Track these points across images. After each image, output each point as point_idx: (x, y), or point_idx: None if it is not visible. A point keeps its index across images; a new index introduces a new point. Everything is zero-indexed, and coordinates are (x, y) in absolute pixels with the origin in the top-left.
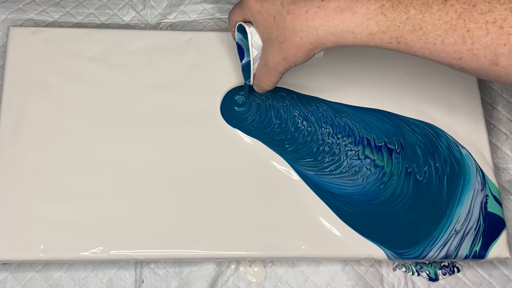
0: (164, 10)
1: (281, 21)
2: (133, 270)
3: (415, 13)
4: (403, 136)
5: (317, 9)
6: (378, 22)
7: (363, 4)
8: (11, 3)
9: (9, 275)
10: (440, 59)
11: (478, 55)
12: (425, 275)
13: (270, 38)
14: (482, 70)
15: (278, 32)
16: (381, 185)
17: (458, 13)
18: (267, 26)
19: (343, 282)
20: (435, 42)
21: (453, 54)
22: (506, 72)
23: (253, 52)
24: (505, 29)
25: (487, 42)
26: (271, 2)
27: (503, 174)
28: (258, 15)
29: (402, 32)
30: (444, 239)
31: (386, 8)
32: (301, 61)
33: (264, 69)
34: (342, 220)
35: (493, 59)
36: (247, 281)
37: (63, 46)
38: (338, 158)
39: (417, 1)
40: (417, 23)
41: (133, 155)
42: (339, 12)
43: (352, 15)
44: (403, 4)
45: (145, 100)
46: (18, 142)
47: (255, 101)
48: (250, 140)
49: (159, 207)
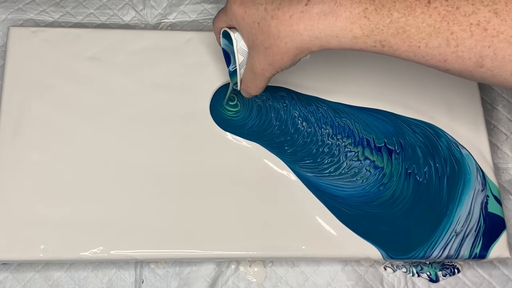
0: (164, 10)
1: (266, 27)
2: (133, 270)
3: (399, 16)
4: (403, 137)
5: (301, 14)
6: (361, 26)
7: (346, 8)
8: (11, 3)
9: (9, 275)
10: (425, 61)
11: (463, 57)
12: (426, 276)
13: (255, 44)
14: (467, 72)
15: (263, 38)
16: (380, 186)
17: (442, 16)
18: (252, 32)
19: (343, 282)
20: (419, 45)
21: (437, 57)
22: (491, 73)
23: (239, 58)
24: (489, 31)
25: (471, 44)
26: (255, 8)
27: (503, 174)
28: (242, 21)
29: (386, 35)
30: (444, 241)
31: (369, 11)
32: (288, 66)
33: (250, 74)
34: (341, 222)
35: (478, 61)
36: (247, 281)
37: (63, 46)
38: (338, 159)
39: (400, 4)
40: (400, 26)
41: (133, 155)
42: (323, 16)
43: (336, 19)
44: (386, 7)
45: (145, 100)
46: (18, 142)
47: (256, 102)
48: (249, 143)
49: (159, 207)
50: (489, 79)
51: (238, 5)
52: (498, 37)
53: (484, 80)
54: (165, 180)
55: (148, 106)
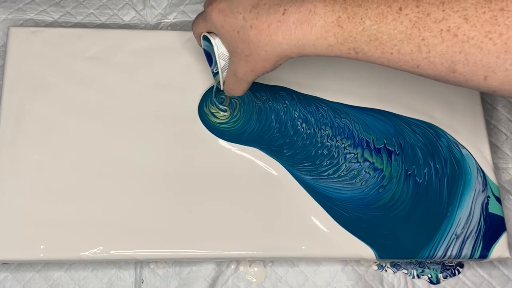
0: (164, 10)
1: (245, 36)
2: (133, 270)
3: (371, 23)
4: (403, 137)
5: (278, 23)
6: (335, 34)
7: (320, 17)
8: (11, 3)
9: (9, 275)
10: (398, 67)
11: (435, 63)
12: (427, 278)
13: (236, 51)
14: (441, 77)
15: (243, 46)
16: (380, 188)
17: (413, 22)
18: (232, 40)
19: (343, 282)
20: (391, 51)
21: (410, 63)
22: (464, 78)
23: (221, 63)
24: (460, 37)
25: (442, 50)
26: (234, 17)
27: (503, 174)
28: (222, 29)
29: (359, 43)
30: (445, 244)
31: (342, 20)
32: (270, 70)
33: (233, 79)
34: (340, 225)
35: (450, 66)
36: (247, 281)
37: (63, 46)
38: (337, 161)
39: (372, 12)
40: (373, 34)
41: (134, 154)
42: (299, 25)
43: (311, 28)
44: (359, 15)
45: (145, 100)
46: (18, 142)
47: (256, 104)
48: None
49: (159, 207)
50: (463, 84)
51: (217, 13)
52: (469, 43)
53: (458, 85)
54: (165, 180)
55: (149, 106)
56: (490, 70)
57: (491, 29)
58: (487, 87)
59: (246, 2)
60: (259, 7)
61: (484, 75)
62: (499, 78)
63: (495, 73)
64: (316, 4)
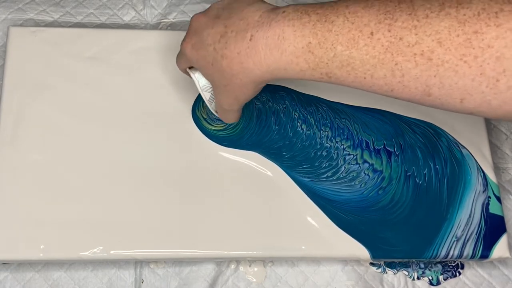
0: (164, 10)
1: (219, 67)
2: (133, 270)
3: (342, 49)
4: (403, 137)
5: (247, 50)
6: (306, 60)
7: (290, 42)
8: (11, 3)
9: (9, 275)
10: (372, 91)
11: (409, 86)
12: (427, 280)
13: (215, 83)
14: (416, 100)
15: (219, 76)
16: (379, 190)
17: (385, 47)
18: (209, 72)
19: (343, 282)
20: (364, 76)
21: (384, 87)
22: (440, 102)
23: (205, 95)
24: (434, 60)
25: (416, 74)
26: (205, 50)
27: (503, 174)
28: (198, 63)
29: (331, 68)
30: (446, 247)
31: (313, 45)
32: (253, 95)
33: (221, 110)
34: (339, 227)
35: (425, 90)
36: (247, 281)
37: (63, 46)
38: (336, 163)
39: (343, 37)
40: (344, 59)
41: (134, 154)
42: (269, 51)
43: (281, 54)
44: (329, 41)
45: (146, 100)
46: (18, 142)
47: (256, 105)
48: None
49: (159, 207)
50: (439, 107)
51: (190, 49)
52: (443, 66)
53: (434, 107)
54: (165, 180)
55: (149, 106)
56: (466, 93)
57: (465, 52)
58: (464, 109)
59: (214, 33)
60: (227, 36)
61: (460, 98)
62: (476, 101)
63: (471, 96)
64: (284, 29)
